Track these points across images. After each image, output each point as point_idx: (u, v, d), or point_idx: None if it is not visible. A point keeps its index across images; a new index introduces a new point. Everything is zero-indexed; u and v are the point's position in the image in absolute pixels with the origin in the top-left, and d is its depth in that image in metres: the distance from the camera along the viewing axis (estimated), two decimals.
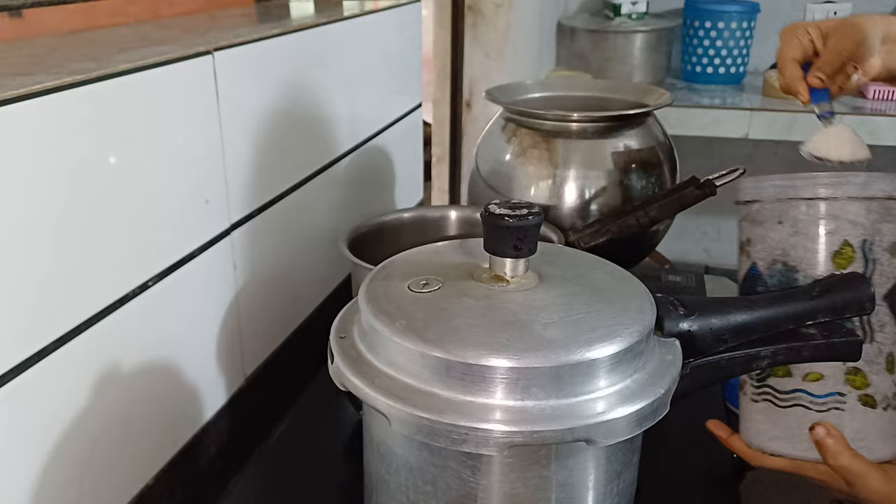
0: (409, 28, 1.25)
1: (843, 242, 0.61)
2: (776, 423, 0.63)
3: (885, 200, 0.61)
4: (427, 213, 0.92)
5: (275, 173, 0.85)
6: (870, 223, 0.60)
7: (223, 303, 0.77)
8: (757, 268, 0.64)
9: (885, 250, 0.61)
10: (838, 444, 0.60)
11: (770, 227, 0.63)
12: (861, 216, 0.60)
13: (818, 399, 0.62)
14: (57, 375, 0.56)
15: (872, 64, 0.70)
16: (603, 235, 0.83)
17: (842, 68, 0.72)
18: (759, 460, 0.65)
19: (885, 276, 0.61)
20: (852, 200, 0.61)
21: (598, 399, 0.42)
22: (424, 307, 0.46)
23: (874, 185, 0.61)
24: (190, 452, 0.73)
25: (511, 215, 0.45)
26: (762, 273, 0.64)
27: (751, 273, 0.65)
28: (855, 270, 0.60)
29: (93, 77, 0.57)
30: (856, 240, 0.61)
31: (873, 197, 0.61)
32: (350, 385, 0.45)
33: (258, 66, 0.79)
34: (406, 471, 0.47)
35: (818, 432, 0.60)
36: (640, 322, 0.45)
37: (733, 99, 1.82)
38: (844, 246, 0.61)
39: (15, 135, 0.51)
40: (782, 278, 0.62)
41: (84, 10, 0.82)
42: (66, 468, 0.58)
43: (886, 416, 0.62)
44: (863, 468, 0.59)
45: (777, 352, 0.55)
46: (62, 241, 0.56)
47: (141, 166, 0.63)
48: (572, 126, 0.88)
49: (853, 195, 0.61)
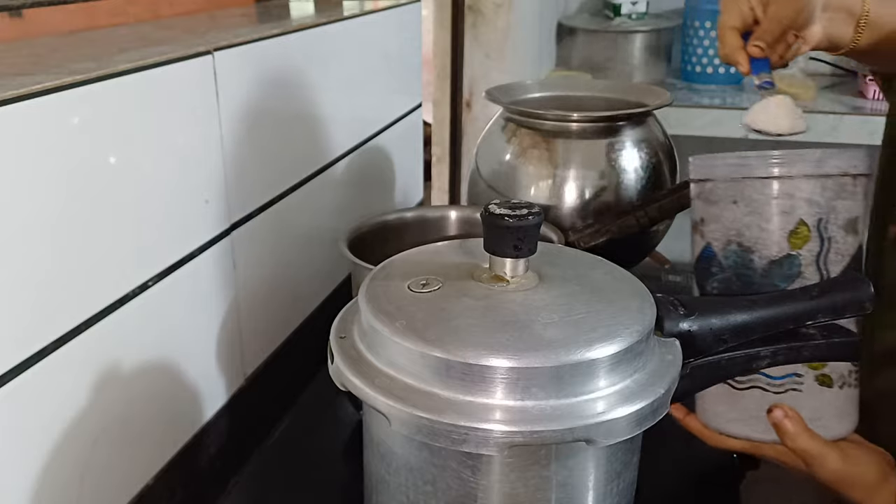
0: (409, 28, 1.25)
1: (798, 222, 0.60)
2: (734, 405, 0.63)
3: (840, 177, 0.59)
4: (427, 213, 0.92)
5: (275, 173, 0.85)
6: (825, 201, 0.59)
7: (223, 303, 0.77)
8: (711, 248, 0.63)
9: (840, 228, 0.60)
10: (796, 426, 0.59)
11: (724, 206, 0.62)
12: (816, 194, 0.59)
13: (775, 381, 0.61)
14: (57, 375, 0.56)
15: (813, 32, 0.69)
16: (603, 235, 0.83)
17: (782, 37, 0.70)
18: (716, 441, 0.64)
19: (840, 254, 0.60)
20: (807, 178, 0.59)
21: (598, 399, 0.42)
22: (424, 307, 0.46)
23: (829, 162, 0.59)
24: (190, 452, 0.73)
25: (511, 215, 0.45)
26: (717, 254, 0.62)
27: (705, 253, 0.64)
28: (810, 249, 0.60)
29: (93, 77, 0.57)
30: (811, 218, 0.60)
31: (828, 174, 0.59)
32: (350, 385, 0.45)
33: (258, 66, 0.79)
34: (406, 471, 0.47)
35: (776, 415, 0.60)
36: (640, 322, 0.45)
37: (733, 99, 1.82)
38: (800, 225, 0.60)
39: (15, 135, 0.51)
40: (737, 259, 0.61)
41: (84, 10, 0.82)
42: (66, 468, 0.58)
43: (842, 394, 0.62)
44: (820, 449, 0.59)
45: (777, 352, 0.55)
46: (62, 241, 0.56)
47: (141, 166, 0.63)
48: (572, 126, 0.88)
49: (808, 173, 0.59)
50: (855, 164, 0.60)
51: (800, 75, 1.78)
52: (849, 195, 0.60)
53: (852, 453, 0.60)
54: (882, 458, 0.61)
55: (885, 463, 0.60)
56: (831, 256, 0.60)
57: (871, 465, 0.60)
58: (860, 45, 0.70)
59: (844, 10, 0.69)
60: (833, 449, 0.60)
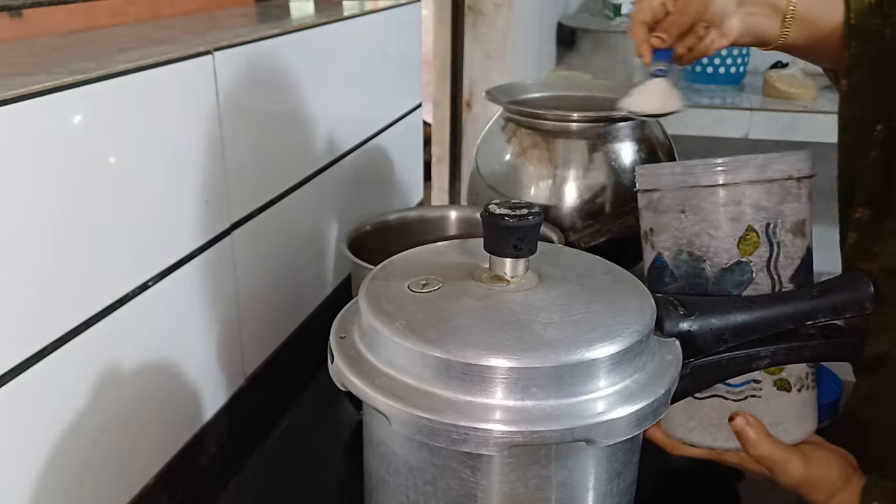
0: (409, 28, 1.25)
1: (747, 228, 0.59)
2: (694, 414, 0.62)
3: (784, 181, 0.59)
4: (427, 213, 0.92)
5: (275, 173, 0.85)
6: (771, 205, 0.59)
7: (223, 303, 0.77)
8: (662, 258, 0.63)
9: (789, 231, 0.60)
10: (758, 433, 0.59)
11: (673, 216, 0.62)
12: (763, 199, 0.59)
13: (734, 388, 0.61)
14: (57, 375, 0.56)
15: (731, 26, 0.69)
16: (603, 235, 0.83)
17: (690, 29, 0.70)
18: (678, 450, 0.64)
19: (790, 257, 0.60)
20: (752, 184, 0.59)
21: (598, 399, 0.42)
22: (424, 307, 0.46)
23: (772, 167, 0.59)
24: (190, 452, 0.73)
25: (511, 215, 0.45)
26: (668, 264, 0.62)
27: (656, 263, 0.63)
28: (760, 255, 0.60)
29: (93, 77, 0.57)
30: (759, 224, 0.59)
31: (772, 179, 0.59)
32: (350, 385, 0.45)
33: (258, 66, 0.79)
34: (406, 471, 0.47)
35: (737, 423, 0.59)
36: (640, 322, 0.45)
37: (733, 99, 1.82)
38: (749, 231, 0.59)
39: (15, 135, 0.51)
40: (688, 268, 0.61)
41: (84, 10, 0.82)
42: (66, 468, 0.58)
43: (800, 397, 0.62)
44: (783, 455, 0.59)
45: (777, 352, 0.55)
46: (62, 241, 0.56)
47: (141, 166, 0.63)
48: (572, 126, 0.88)
49: (753, 179, 0.59)
50: (798, 167, 0.60)
51: (800, 75, 1.78)
52: (794, 198, 0.60)
53: (814, 456, 0.60)
54: (843, 458, 0.60)
55: (846, 464, 0.60)
56: (781, 260, 0.60)
57: (834, 466, 0.59)
58: (790, 40, 0.70)
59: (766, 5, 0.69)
60: (795, 454, 0.59)
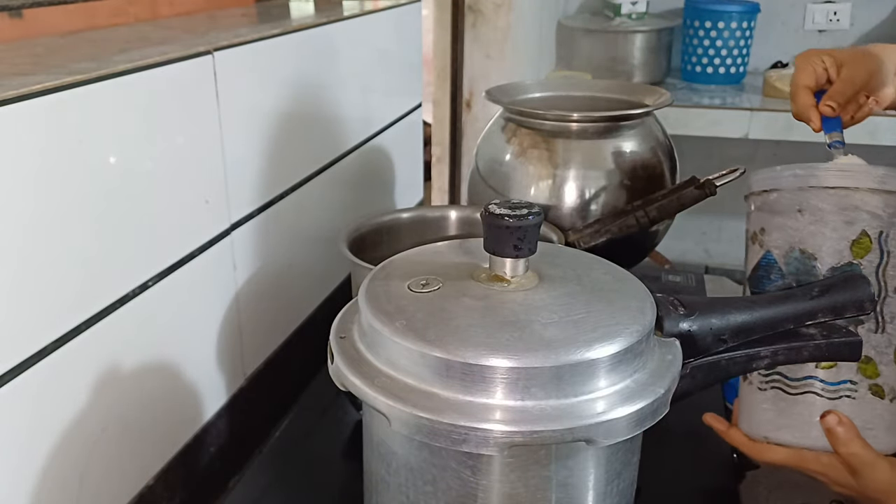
0: (409, 28, 1.25)
1: (861, 232, 0.62)
2: (784, 411, 0.63)
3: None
4: (427, 213, 0.92)
5: (275, 173, 0.85)
6: (887, 216, 0.62)
7: (223, 303, 0.77)
8: (772, 255, 0.65)
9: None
10: (849, 433, 0.60)
11: (789, 216, 0.64)
12: (879, 208, 0.62)
13: (830, 386, 0.62)
14: (57, 375, 0.56)
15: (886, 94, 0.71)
16: (603, 235, 0.83)
17: (854, 97, 0.72)
18: (760, 453, 0.64)
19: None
20: (872, 192, 0.62)
21: (598, 399, 0.42)
22: (424, 307, 0.46)
23: (891, 180, 0.62)
24: (190, 452, 0.73)
25: (511, 215, 0.45)
26: (778, 261, 0.64)
27: (763, 262, 0.65)
28: (870, 260, 0.62)
29: (93, 77, 0.57)
30: (873, 231, 0.62)
31: (891, 191, 0.62)
32: (350, 385, 0.45)
33: (258, 66, 0.79)
34: (406, 471, 0.47)
35: (829, 420, 0.60)
36: (640, 322, 0.45)
37: (733, 99, 1.82)
38: (863, 236, 0.62)
39: (15, 135, 0.51)
40: (800, 265, 0.63)
41: (84, 10, 0.82)
42: (66, 468, 0.58)
43: (892, 407, 0.63)
44: (872, 458, 0.60)
45: (777, 352, 0.55)
46: (62, 241, 0.56)
47: (141, 166, 0.63)
48: (572, 126, 0.88)
49: (872, 187, 0.62)
50: None
51: None
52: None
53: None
54: None
55: None
56: (889, 270, 0.62)
57: None
58: None
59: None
60: (884, 460, 0.60)
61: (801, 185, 0.63)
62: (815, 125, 0.74)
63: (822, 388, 0.62)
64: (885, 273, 0.62)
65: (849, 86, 0.71)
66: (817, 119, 0.74)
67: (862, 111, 0.73)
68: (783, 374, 0.64)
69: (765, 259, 0.65)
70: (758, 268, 0.66)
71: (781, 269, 0.64)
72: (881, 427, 0.63)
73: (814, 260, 0.62)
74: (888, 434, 0.63)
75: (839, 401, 0.62)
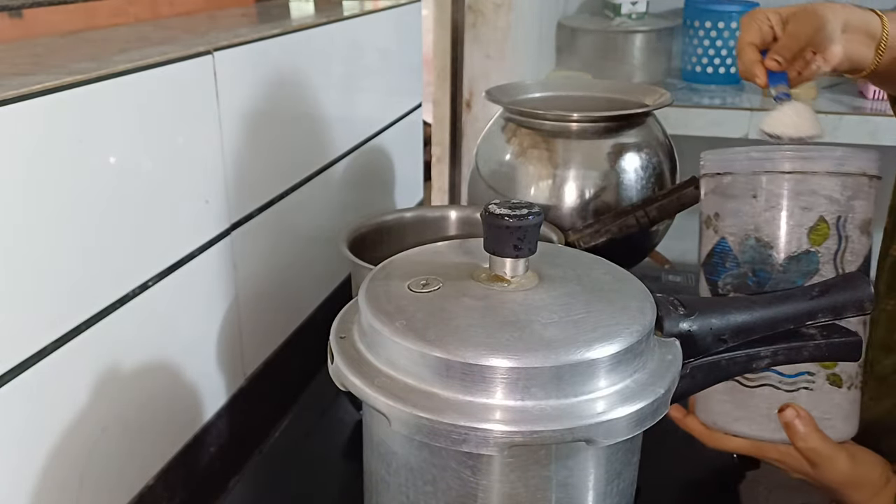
0: (409, 28, 1.25)
1: (818, 218, 0.60)
2: (742, 403, 0.62)
3: (859, 177, 0.60)
4: (427, 213, 0.92)
5: (275, 173, 0.85)
6: (844, 199, 0.60)
7: (223, 303, 0.77)
8: (726, 242, 0.63)
9: (857, 227, 0.60)
10: (807, 426, 0.59)
11: (744, 201, 0.61)
12: (836, 192, 0.60)
13: (788, 379, 0.61)
14: (57, 375, 0.56)
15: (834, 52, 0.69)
16: (603, 235, 0.83)
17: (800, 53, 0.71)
18: (717, 441, 0.64)
19: (855, 254, 0.61)
20: (829, 175, 0.60)
21: (598, 399, 0.42)
22: (424, 307, 0.46)
23: (849, 161, 0.60)
24: (190, 452, 0.73)
25: (511, 215, 0.45)
26: (733, 249, 0.62)
27: (718, 248, 0.63)
28: (828, 247, 0.60)
29: (93, 77, 0.57)
30: (831, 216, 0.60)
31: (849, 173, 0.60)
32: (350, 385, 0.45)
33: (258, 66, 0.79)
34: (406, 471, 0.47)
35: (787, 414, 0.60)
36: (640, 322, 0.45)
37: (733, 99, 1.82)
38: (820, 222, 0.60)
39: (15, 135, 0.51)
40: (755, 254, 0.61)
41: (84, 10, 0.82)
42: (66, 468, 0.58)
43: (850, 395, 0.62)
44: (831, 451, 0.59)
45: (777, 352, 0.55)
46: (62, 241, 0.56)
47: (141, 166, 0.63)
48: (572, 126, 0.88)
49: (830, 170, 0.60)
50: (871, 164, 0.60)
51: None
52: (865, 196, 0.60)
53: (859, 455, 0.60)
54: (882, 460, 0.61)
55: (885, 466, 0.60)
56: (847, 256, 0.60)
57: (876, 466, 0.60)
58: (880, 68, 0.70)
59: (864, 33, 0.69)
60: (841, 450, 0.60)
61: (755, 169, 0.61)
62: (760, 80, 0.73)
63: (780, 380, 0.61)
64: (843, 259, 0.60)
65: (794, 41, 0.70)
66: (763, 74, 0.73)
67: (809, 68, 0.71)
68: None
69: (719, 246, 0.63)
70: (712, 254, 0.64)
71: (737, 257, 0.62)
72: (839, 416, 0.62)
73: (770, 248, 0.61)
74: (846, 423, 0.62)
75: (797, 393, 0.61)
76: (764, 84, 0.73)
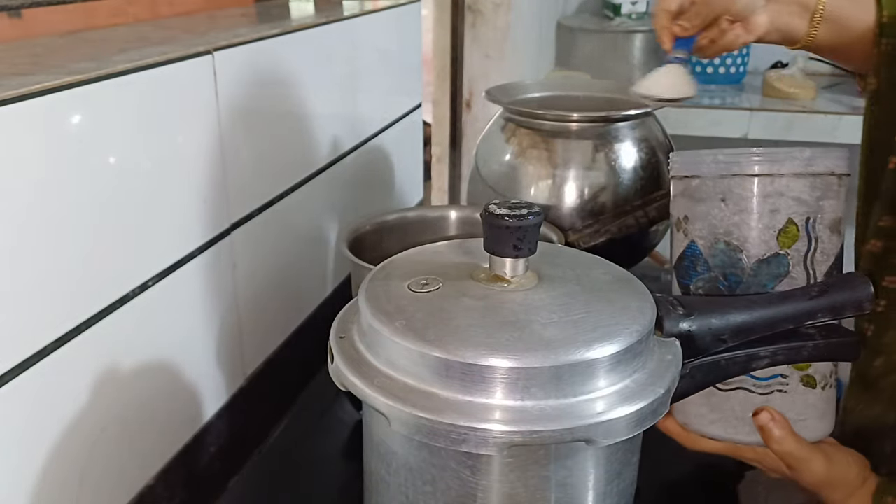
0: (409, 28, 1.25)
1: (787, 220, 0.59)
2: (717, 407, 0.62)
3: (827, 176, 0.59)
4: (427, 213, 0.92)
5: (275, 173, 0.85)
6: (813, 200, 0.59)
7: (223, 303, 0.77)
8: (696, 246, 0.62)
9: (826, 227, 0.60)
10: (782, 430, 0.58)
11: (712, 204, 0.61)
12: (805, 193, 0.59)
13: (761, 382, 0.61)
14: (57, 375, 0.56)
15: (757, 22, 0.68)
16: (603, 235, 0.83)
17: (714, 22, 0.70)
18: (694, 443, 0.63)
19: (826, 254, 0.60)
20: (797, 177, 0.59)
21: (597, 399, 0.42)
22: (424, 307, 0.46)
23: (817, 161, 0.59)
24: (190, 452, 0.73)
25: (511, 215, 0.45)
26: (703, 253, 0.62)
27: (689, 252, 0.63)
28: (798, 249, 0.59)
29: (93, 77, 0.57)
30: (800, 218, 0.59)
31: (816, 173, 0.59)
32: (350, 385, 0.45)
33: (258, 66, 0.79)
34: (406, 471, 0.47)
35: (762, 418, 0.59)
36: (640, 322, 0.45)
37: (733, 99, 1.82)
38: (789, 224, 0.59)
39: (15, 135, 0.51)
40: (725, 258, 0.61)
41: (84, 10, 0.82)
42: (66, 468, 0.58)
43: (824, 394, 0.62)
44: (806, 453, 0.59)
45: (776, 352, 0.55)
46: (62, 241, 0.56)
47: (141, 166, 0.63)
48: (572, 126, 0.88)
49: (797, 171, 0.59)
50: (839, 163, 0.60)
51: (799, 75, 1.78)
52: (834, 195, 0.60)
53: (835, 456, 0.60)
54: (859, 459, 0.60)
55: (863, 465, 0.60)
56: (818, 256, 0.60)
57: (853, 466, 0.59)
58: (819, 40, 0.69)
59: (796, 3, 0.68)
60: (817, 452, 0.59)
61: (722, 173, 0.60)
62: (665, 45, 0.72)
63: (754, 384, 0.61)
64: (813, 260, 0.60)
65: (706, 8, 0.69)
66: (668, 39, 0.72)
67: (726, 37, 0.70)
68: None
69: (689, 249, 0.63)
70: (683, 257, 0.64)
71: (707, 261, 0.61)
72: (813, 416, 0.61)
73: (739, 252, 0.60)
74: (821, 421, 0.62)
75: (771, 395, 0.61)
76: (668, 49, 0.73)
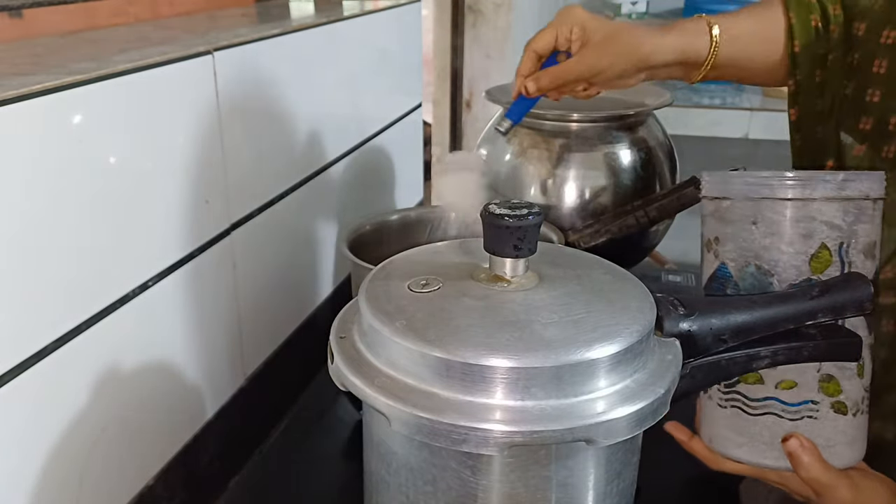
0: (409, 28, 1.25)
1: (820, 245, 0.58)
2: (744, 430, 0.61)
3: (861, 201, 0.58)
4: (427, 213, 0.92)
5: (275, 173, 0.85)
6: (846, 225, 0.58)
7: (223, 302, 0.77)
8: (727, 268, 0.61)
9: (860, 252, 0.59)
10: (811, 457, 0.58)
11: (742, 226, 0.60)
12: (838, 218, 0.58)
13: (791, 407, 0.60)
14: (57, 375, 0.56)
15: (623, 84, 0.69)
16: (603, 235, 0.83)
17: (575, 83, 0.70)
18: (721, 465, 0.63)
19: None
20: (829, 201, 0.58)
21: (598, 399, 0.42)
22: (424, 307, 0.46)
23: (850, 185, 0.58)
24: (190, 452, 0.73)
25: (511, 215, 0.45)
26: (733, 276, 0.61)
27: (719, 274, 0.62)
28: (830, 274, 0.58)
29: (93, 77, 0.57)
30: (832, 243, 0.58)
31: (849, 197, 0.58)
32: (350, 385, 0.45)
33: (258, 66, 0.79)
34: (406, 471, 0.47)
35: (791, 444, 0.58)
36: (640, 322, 0.45)
37: (733, 99, 1.82)
38: (822, 249, 0.58)
39: (15, 135, 0.51)
40: (755, 282, 0.60)
41: (84, 10, 0.82)
42: (66, 468, 0.58)
43: (855, 421, 0.61)
44: (833, 481, 0.58)
45: (777, 352, 0.55)
46: (62, 241, 0.56)
47: (141, 166, 0.63)
48: (572, 126, 0.88)
49: (830, 196, 0.58)
50: (874, 186, 0.58)
51: None
52: (868, 219, 0.59)
53: (862, 483, 0.59)
54: (888, 486, 0.60)
55: (891, 492, 0.60)
56: None
57: (880, 493, 0.59)
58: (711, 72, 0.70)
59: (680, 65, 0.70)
60: (845, 480, 0.58)
61: (753, 196, 0.59)
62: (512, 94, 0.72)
63: (783, 409, 0.60)
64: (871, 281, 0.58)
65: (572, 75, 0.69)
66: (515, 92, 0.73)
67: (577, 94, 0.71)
68: (743, 395, 0.61)
69: (720, 271, 0.62)
70: (713, 279, 0.63)
71: (737, 283, 0.61)
72: (843, 442, 0.60)
73: (770, 276, 0.59)
74: (850, 448, 0.61)
75: (801, 421, 0.60)
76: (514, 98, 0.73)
